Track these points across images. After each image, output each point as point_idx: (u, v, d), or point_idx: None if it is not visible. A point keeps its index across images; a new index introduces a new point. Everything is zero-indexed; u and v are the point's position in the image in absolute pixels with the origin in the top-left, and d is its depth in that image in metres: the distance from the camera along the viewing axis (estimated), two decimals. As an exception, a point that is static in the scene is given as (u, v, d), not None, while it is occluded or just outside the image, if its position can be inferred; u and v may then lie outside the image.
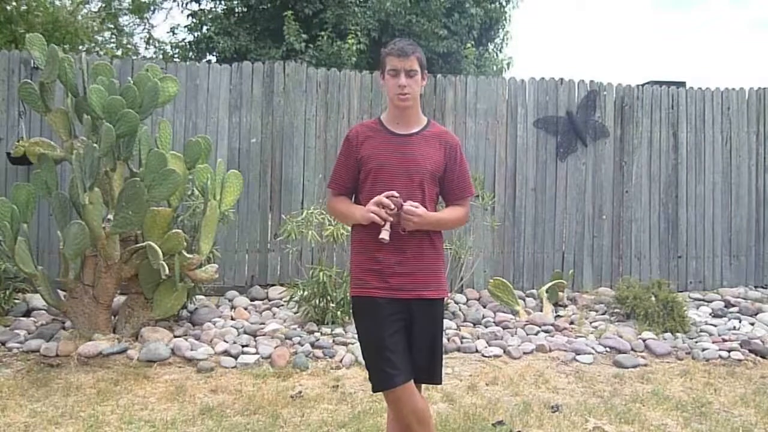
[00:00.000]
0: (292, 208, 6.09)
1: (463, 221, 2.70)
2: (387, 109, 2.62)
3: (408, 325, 2.50)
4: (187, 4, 13.01)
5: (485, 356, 4.74)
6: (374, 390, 2.50)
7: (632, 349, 4.90)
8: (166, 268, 4.33)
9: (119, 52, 14.73)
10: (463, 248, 5.91)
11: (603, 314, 5.89)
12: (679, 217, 7.05)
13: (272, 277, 6.22)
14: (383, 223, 2.39)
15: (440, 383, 2.65)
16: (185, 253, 4.61)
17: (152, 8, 15.16)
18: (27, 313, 5.27)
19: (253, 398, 3.80)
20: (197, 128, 6.03)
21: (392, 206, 2.38)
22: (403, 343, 2.49)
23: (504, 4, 12.71)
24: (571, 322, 5.62)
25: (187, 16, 12.64)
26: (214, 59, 11.75)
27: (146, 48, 15.41)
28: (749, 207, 7.23)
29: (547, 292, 6.08)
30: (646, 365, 4.66)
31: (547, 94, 6.82)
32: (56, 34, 11.58)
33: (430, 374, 2.58)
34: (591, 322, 5.64)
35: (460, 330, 5.24)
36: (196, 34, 12.44)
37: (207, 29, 12.03)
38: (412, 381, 2.49)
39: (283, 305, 5.70)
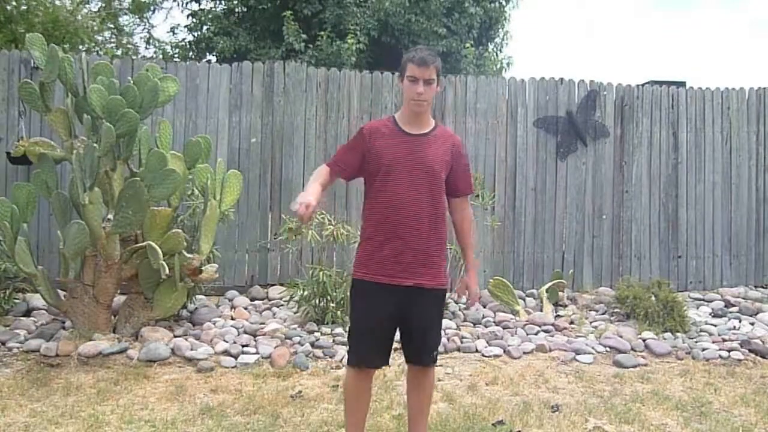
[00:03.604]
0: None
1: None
2: (401, 109, 2.84)
3: (405, 311, 2.70)
4: (187, 4, 13.03)
5: (485, 356, 4.74)
6: (347, 363, 2.83)
7: (632, 349, 4.90)
8: (166, 268, 4.33)
9: (119, 52, 14.70)
10: (463, 248, 5.90)
11: (603, 314, 5.89)
12: (679, 217, 7.05)
13: (272, 276, 6.21)
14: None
15: (429, 365, 2.83)
16: (185, 253, 4.61)
17: (152, 8, 15.14)
18: (27, 313, 5.26)
19: (253, 398, 3.80)
20: (197, 128, 6.02)
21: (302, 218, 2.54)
22: (390, 331, 2.74)
23: (504, 3, 12.70)
24: (571, 322, 5.62)
25: (187, 16, 12.65)
26: (214, 59, 11.75)
27: (146, 48, 15.42)
28: (749, 207, 7.23)
29: (547, 291, 6.08)
30: (646, 365, 4.66)
31: (547, 94, 6.82)
32: (56, 33, 11.56)
33: (420, 355, 2.81)
34: (591, 322, 5.64)
35: (460, 330, 5.24)
36: (196, 34, 12.45)
37: (207, 29, 12.04)
38: (372, 373, 2.84)
39: (283, 305, 5.70)
